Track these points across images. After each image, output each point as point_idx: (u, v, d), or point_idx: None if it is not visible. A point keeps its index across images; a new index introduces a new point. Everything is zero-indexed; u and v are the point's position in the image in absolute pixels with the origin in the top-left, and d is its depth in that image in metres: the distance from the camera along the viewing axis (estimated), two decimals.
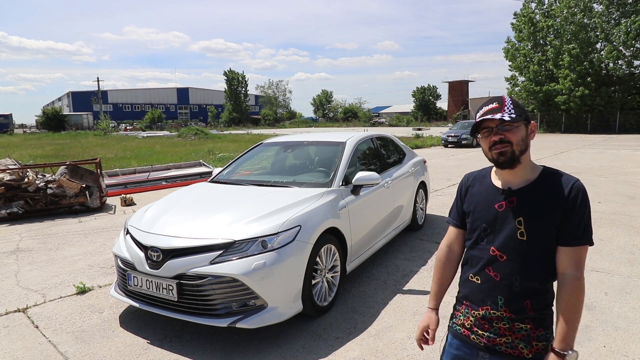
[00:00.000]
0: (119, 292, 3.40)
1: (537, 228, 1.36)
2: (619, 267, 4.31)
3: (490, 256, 1.44)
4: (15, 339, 3.16)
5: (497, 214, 1.43)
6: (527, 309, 1.39)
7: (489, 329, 1.44)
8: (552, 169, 1.44)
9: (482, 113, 1.42)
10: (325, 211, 3.50)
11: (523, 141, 1.39)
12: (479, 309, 1.46)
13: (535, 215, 1.37)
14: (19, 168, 7.60)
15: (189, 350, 2.95)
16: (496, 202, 1.44)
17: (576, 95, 32.73)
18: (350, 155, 4.35)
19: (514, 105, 1.39)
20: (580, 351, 2.82)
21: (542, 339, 1.39)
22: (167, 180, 10.58)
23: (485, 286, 1.45)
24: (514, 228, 1.39)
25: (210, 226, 3.18)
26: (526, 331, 1.39)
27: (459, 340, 1.53)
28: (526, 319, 1.39)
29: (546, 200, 1.36)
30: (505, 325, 1.42)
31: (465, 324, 1.51)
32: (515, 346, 1.40)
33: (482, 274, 1.46)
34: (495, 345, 1.43)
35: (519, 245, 1.38)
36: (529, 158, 1.43)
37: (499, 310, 1.42)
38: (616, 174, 10.75)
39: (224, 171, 4.79)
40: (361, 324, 3.28)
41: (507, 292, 1.40)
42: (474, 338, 1.48)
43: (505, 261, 1.41)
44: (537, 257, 1.38)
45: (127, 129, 54.91)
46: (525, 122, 1.40)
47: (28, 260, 4.98)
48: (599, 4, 32.84)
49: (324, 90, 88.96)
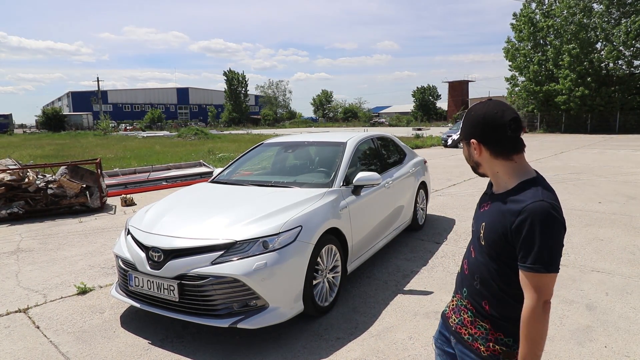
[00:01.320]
0: (120, 292, 3.40)
1: (489, 236, 1.38)
2: (619, 267, 4.31)
3: (469, 250, 1.53)
4: (16, 340, 3.16)
5: (478, 214, 1.51)
6: (485, 309, 1.42)
7: (459, 317, 1.51)
8: (534, 181, 1.34)
9: None
10: (326, 211, 3.50)
11: (468, 159, 1.46)
12: (456, 295, 1.57)
13: (489, 224, 1.39)
14: (19, 168, 7.59)
15: (190, 350, 2.95)
16: (483, 202, 1.52)
17: (576, 95, 32.72)
18: (351, 155, 4.35)
19: (464, 120, 1.44)
20: (582, 351, 2.83)
21: (501, 343, 1.38)
22: (167, 180, 10.58)
23: (460, 276, 1.56)
24: (478, 231, 1.45)
25: (211, 226, 3.18)
26: (485, 330, 1.41)
27: (443, 321, 1.64)
28: (486, 317, 1.41)
29: (502, 213, 1.33)
30: (469, 317, 1.46)
31: (450, 305, 1.60)
32: (475, 340, 1.43)
33: (462, 264, 1.57)
34: (461, 334, 1.48)
35: (480, 248, 1.43)
36: (500, 169, 1.38)
37: (464, 300, 1.50)
38: (616, 174, 10.75)
39: (224, 171, 4.79)
40: (362, 324, 3.28)
41: (469, 286, 1.48)
42: (451, 321, 1.55)
43: (473, 258, 1.48)
44: (493, 264, 1.38)
45: (127, 129, 54.90)
46: (464, 140, 1.44)
47: (29, 260, 4.98)
48: (599, 4, 32.83)
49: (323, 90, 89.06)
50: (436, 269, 4.39)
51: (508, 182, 1.38)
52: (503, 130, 1.33)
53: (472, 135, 1.39)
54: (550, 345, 2.89)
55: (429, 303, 3.60)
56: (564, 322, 3.22)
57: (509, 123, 1.32)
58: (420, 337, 3.05)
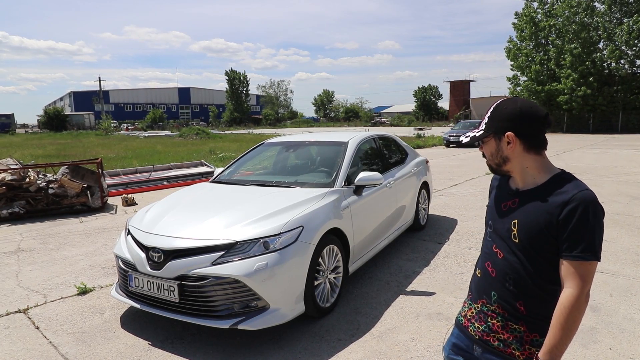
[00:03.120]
0: (120, 293, 3.38)
1: (527, 233, 1.34)
2: (623, 268, 4.28)
3: (492, 252, 1.46)
4: (16, 340, 3.14)
5: (501, 213, 1.45)
6: (520, 310, 1.37)
7: (485, 323, 1.45)
8: (567, 174, 1.37)
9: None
10: (327, 212, 3.47)
11: (493, 155, 1.41)
12: (478, 302, 1.50)
13: (527, 220, 1.35)
14: (20, 168, 7.59)
15: (191, 352, 2.93)
16: (503, 201, 1.47)
17: (578, 95, 32.65)
18: (353, 155, 4.32)
19: (490, 115, 1.40)
20: (586, 353, 2.80)
21: (537, 345, 1.35)
22: (168, 180, 10.57)
23: (483, 280, 1.49)
24: (509, 229, 1.39)
25: (212, 227, 3.16)
26: (519, 332, 1.37)
27: (459, 330, 1.57)
28: (520, 320, 1.37)
29: (542, 206, 1.32)
30: (499, 322, 1.41)
31: (467, 314, 1.54)
32: (508, 345, 1.38)
33: (483, 268, 1.50)
34: (489, 341, 1.43)
35: (513, 246, 1.39)
36: (530, 164, 1.38)
37: (493, 305, 1.43)
38: (619, 174, 10.70)
39: (225, 171, 4.77)
40: (364, 325, 3.25)
41: (500, 289, 1.42)
42: (472, 330, 1.50)
43: (501, 259, 1.42)
44: (530, 261, 1.35)
45: (128, 129, 54.99)
46: (495, 134, 1.38)
47: (29, 260, 4.96)
48: (601, 3, 32.76)
49: (325, 90, 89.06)
50: (438, 270, 4.36)
51: (537, 177, 1.38)
52: (539, 124, 1.36)
53: (507, 128, 1.37)
54: None
55: (431, 304, 3.57)
56: None
57: (544, 118, 1.35)
58: (423, 339, 3.02)
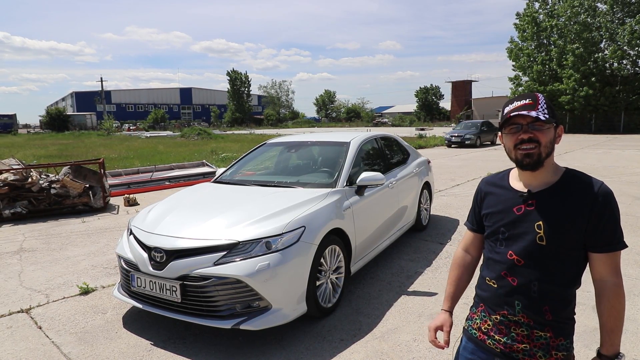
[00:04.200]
0: (122, 293, 3.38)
1: (557, 233, 1.31)
2: (626, 269, 4.27)
3: (508, 260, 1.39)
4: (18, 340, 3.15)
5: (516, 218, 1.38)
6: (547, 315, 1.34)
7: (506, 335, 1.39)
8: (575, 171, 1.39)
9: (513, 107, 1.35)
10: (329, 212, 3.47)
11: (551, 143, 1.35)
12: (496, 313, 1.42)
13: (555, 220, 1.32)
14: (22, 168, 7.61)
15: (193, 351, 2.93)
16: (515, 205, 1.40)
17: (580, 95, 32.59)
18: (355, 155, 4.32)
19: (547, 105, 1.34)
20: (589, 354, 2.79)
21: (562, 349, 1.34)
22: (170, 180, 10.59)
23: (502, 290, 1.41)
24: (533, 232, 1.34)
25: (214, 227, 3.16)
26: (545, 339, 1.34)
27: (474, 344, 1.49)
28: (546, 326, 1.34)
29: (568, 204, 1.31)
30: (523, 332, 1.36)
31: (482, 327, 1.46)
32: (534, 354, 1.35)
33: (499, 278, 1.42)
34: (512, 352, 1.38)
35: (538, 250, 1.34)
36: (553, 161, 1.39)
37: (517, 315, 1.37)
38: (621, 174, 10.67)
39: (227, 171, 4.77)
40: (366, 325, 3.25)
41: (525, 297, 1.36)
42: (490, 343, 1.43)
43: (522, 266, 1.37)
44: (557, 262, 1.33)
45: (130, 129, 55.08)
46: (555, 124, 1.36)
47: (31, 260, 4.97)
48: (603, 3, 32.69)
49: (326, 90, 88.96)
50: (440, 270, 4.35)
51: (550, 176, 1.38)
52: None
53: (559, 121, 1.38)
54: None
55: (433, 304, 3.57)
56: None
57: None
58: (425, 339, 3.02)
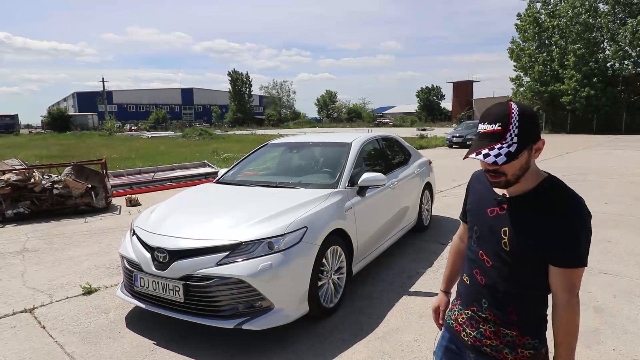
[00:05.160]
0: (125, 293, 3.40)
1: (520, 241, 1.30)
2: (627, 269, 4.27)
3: (478, 259, 1.43)
4: (22, 339, 3.17)
5: (488, 220, 1.39)
6: (511, 315, 1.36)
7: (476, 329, 1.44)
8: (555, 180, 1.32)
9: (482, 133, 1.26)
10: (331, 212, 3.49)
11: (522, 169, 1.26)
12: (468, 309, 1.48)
13: (520, 228, 1.31)
14: (25, 168, 7.64)
15: (195, 351, 2.94)
16: (489, 206, 1.40)
17: (582, 96, 32.56)
18: (356, 156, 4.33)
19: (520, 126, 1.20)
20: (590, 354, 2.80)
21: (529, 347, 1.36)
22: (172, 180, 10.61)
23: (472, 288, 1.45)
24: (500, 237, 1.35)
25: (217, 227, 3.18)
26: (512, 337, 1.36)
27: (450, 334, 1.55)
28: (512, 325, 1.36)
29: (536, 214, 1.28)
30: (491, 329, 1.40)
31: (458, 319, 1.52)
32: (500, 350, 1.38)
33: (471, 276, 1.46)
34: (481, 347, 1.42)
35: (504, 254, 1.34)
36: (532, 170, 1.32)
37: (484, 312, 1.41)
38: (623, 174, 10.67)
39: (229, 172, 4.79)
40: (367, 325, 3.26)
41: (491, 296, 1.39)
42: (464, 335, 1.48)
43: (491, 267, 1.39)
44: (523, 267, 1.33)
45: (131, 130, 55.16)
46: (529, 147, 1.24)
47: (35, 260, 5.00)
48: (605, 3, 32.67)
49: (328, 90, 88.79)
50: (441, 270, 4.36)
51: (528, 183, 1.31)
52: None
53: (538, 135, 1.27)
54: None
55: None
56: None
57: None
58: (426, 339, 3.03)
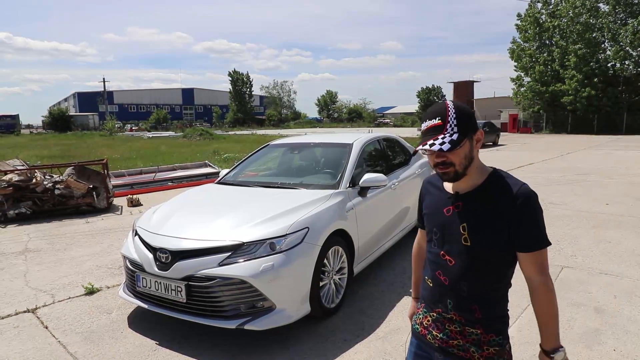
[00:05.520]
0: (127, 293, 3.41)
1: (478, 234, 1.35)
2: (627, 269, 4.28)
3: (440, 260, 1.45)
4: (25, 340, 3.19)
5: (445, 219, 1.43)
6: (476, 313, 1.38)
7: (442, 331, 1.46)
8: (500, 172, 1.40)
9: (425, 129, 1.36)
10: (332, 213, 3.50)
11: (466, 158, 1.34)
12: (433, 311, 1.49)
13: (476, 221, 1.35)
14: (27, 169, 7.66)
15: (197, 351, 2.96)
16: (445, 206, 1.44)
17: (582, 96, 32.56)
18: (357, 156, 4.34)
19: (457, 118, 1.31)
20: (590, 355, 2.81)
21: (494, 344, 1.38)
22: (173, 180, 10.63)
23: (436, 289, 1.47)
24: (459, 233, 1.38)
25: (219, 228, 3.19)
26: (477, 335, 1.39)
27: (417, 339, 1.57)
28: (476, 323, 1.38)
29: (489, 206, 1.34)
30: (456, 329, 1.42)
31: (423, 322, 1.53)
32: (467, 349, 1.40)
33: (433, 277, 1.48)
34: (448, 347, 1.44)
35: (465, 250, 1.37)
36: (477, 164, 1.40)
37: (449, 313, 1.43)
38: (624, 175, 10.67)
39: (231, 172, 4.80)
40: (369, 326, 3.27)
41: (455, 296, 1.41)
42: (430, 338, 1.49)
43: (452, 266, 1.41)
44: (483, 262, 1.36)
45: (132, 130, 55.22)
46: (469, 137, 1.34)
47: (37, 260, 5.02)
48: (606, 4, 32.66)
49: (328, 90, 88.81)
50: None
51: (476, 178, 1.38)
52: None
53: (476, 126, 1.36)
54: None
55: None
56: (572, 325, 3.20)
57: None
58: None
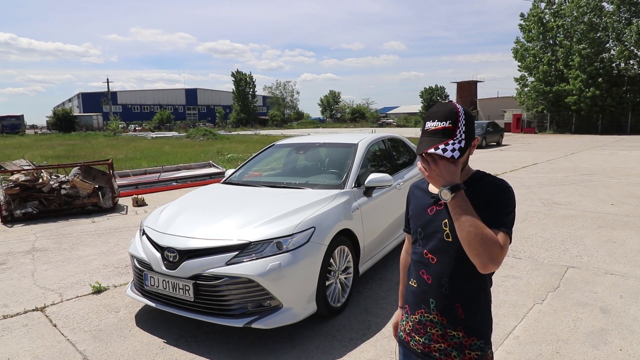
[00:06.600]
0: (135, 291, 3.44)
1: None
2: (633, 269, 4.27)
3: (423, 259, 1.46)
4: (34, 338, 3.22)
5: (429, 218, 1.45)
6: (459, 312, 1.38)
7: (424, 335, 1.45)
8: (482, 172, 1.43)
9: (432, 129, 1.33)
10: (338, 213, 3.52)
11: (464, 163, 1.38)
12: (415, 313, 1.48)
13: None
14: (33, 169, 7.71)
15: (205, 350, 2.98)
16: (429, 206, 1.46)
17: (587, 96, 32.43)
18: (363, 156, 4.36)
19: (466, 124, 1.31)
20: (596, 354, 2.81)
21: (475, 349, 1.37)
22: (177, 180, 10.68)
23: (419, 289, 1.47)
24: (441, 230, 1.40)
25: (226, 227, 3.22)
26: (458, 339, 1.38)
27: (402, 347, 1.56)
28: (458, 325, 1.38)
29: (471, 201, 1.31)
30: (438, 332, 1.41)
31: (406, 328, 1.52)
32: (449, 354, 1.39)
33: (418, 277, 1.48)
34: (431, 352, 1.43)
35: (446, 247, 1.39)
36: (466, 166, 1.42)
37: (432, 313, 1.42)
38: (628, 175, 10.63)
39: (236, 172, 4.83)
40: (374, 325, 3.29)
41: (437, 295, 1.41)
42: (413, 344, 1.48)
43: (435, 263, 1.42)
44: (464, 259, 1.34)
45: (136, 130, 55.39)
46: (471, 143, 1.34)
47: (44, 259, 5.06)
48: (610, 3, 32.52)
49: (331, 90, 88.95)
50: None
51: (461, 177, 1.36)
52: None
53: (475, 132, 1.39)
54: (565, 348, 2.89)
55: None
56: (578, 325, 3.21)
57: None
58: None
